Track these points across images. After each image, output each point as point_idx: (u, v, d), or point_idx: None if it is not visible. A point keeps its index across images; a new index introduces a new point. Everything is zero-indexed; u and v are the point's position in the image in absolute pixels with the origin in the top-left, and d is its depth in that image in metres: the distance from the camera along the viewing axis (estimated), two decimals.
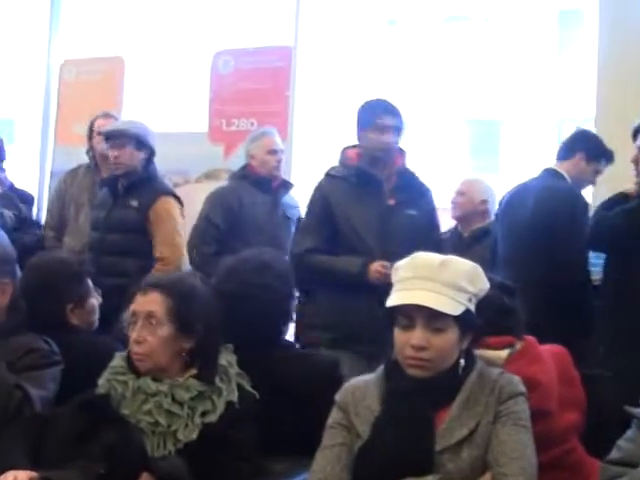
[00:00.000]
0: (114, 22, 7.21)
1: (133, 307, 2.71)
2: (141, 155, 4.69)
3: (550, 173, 4.50)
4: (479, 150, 21.24)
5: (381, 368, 2.48)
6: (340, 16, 19.53)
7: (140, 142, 4.68)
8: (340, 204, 4.05)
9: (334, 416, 2.45)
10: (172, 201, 4.70)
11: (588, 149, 4.47)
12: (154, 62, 7.09)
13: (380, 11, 22.35)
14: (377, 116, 4.09)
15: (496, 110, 19.67)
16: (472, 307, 2.34)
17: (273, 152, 5.02)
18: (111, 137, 4.80)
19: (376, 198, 4.05)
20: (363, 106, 4.22)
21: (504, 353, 2.61)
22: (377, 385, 2.42)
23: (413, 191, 4.16)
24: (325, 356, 3.07)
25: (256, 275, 2.93)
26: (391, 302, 2.35)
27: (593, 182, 4.59)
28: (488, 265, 3.57)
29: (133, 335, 2.67)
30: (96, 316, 3.42)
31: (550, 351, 2.80)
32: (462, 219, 5.19)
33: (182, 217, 4.76)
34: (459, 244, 4.86)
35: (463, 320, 2.31)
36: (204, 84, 6.30)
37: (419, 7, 22.25)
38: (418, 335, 2.29)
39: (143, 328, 2.66)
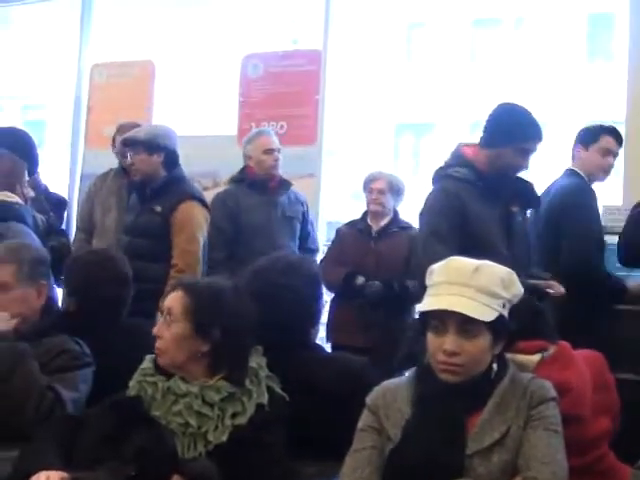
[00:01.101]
0: (144, 26, 7.23)
1: (162, 303, 2.79)
2: (155, 159, 4.68)
3: (566, 173, 4.51)
4: None
5: (412, 371, 2.49)
6: (369, 19, 19.54)
7: (151, 147, 4.67)
8: (473, 208, 3.74)
9: (365, 419, 2.46)
10: (196, 205, 4.70)
11: (581, 138, 4.50)
12: (184, 66, 7.12)
13: (408, 14, 22.35)
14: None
15: None
16: (505, 313, 2.34)
17: (269, 151, 5.00)
18: (125, 145, 4.83)
19: (500, 203, 3.83)
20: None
21: (536, 357, 2.61)
22: (408, 388, 2.42)
23: (527, 198, 4.00)
24: (355, 359, 3.07)
25: (282, 276, 2.93)
26: (424, 307, 2.35)
27: (605, 168, 4.54)
28: None
29: (154, 329, 2.72)
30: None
31: (584, 356, 2.79)
32: None
33: (206, 221, 4.76)
34: None
35: (496, 326, 2.31)
36: (233, 87, 6.32)
37: (447, 10, 22.18)
38: (450, 340, 2.29)
39: (162, 323, 2.70)
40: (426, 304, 2.35)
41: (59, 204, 5.38)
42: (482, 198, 3.75)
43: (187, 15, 7.23)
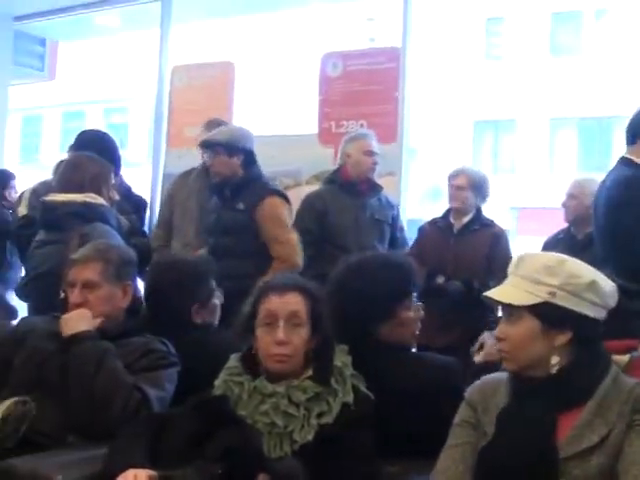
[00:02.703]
0: (224, 27, 7.30)
1: (269, 307, 2.69)
2: (234, 161, 4.69)
3: (621, 162, 4.28)
4: (589, 149, 20.87)
5: None
6: (447, 15, 19.44)
7: (230, 148, 4.68)
8: None
9: (462, 413, 2.46)
10: (278, 200, 4.70)
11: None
12: (263, 66, 7.17)
13: (487, 8, 22.19)
14: None
15: (608, 107, 19.27)
16: (559, 301, 2.30)
17: (369, 153, 5.04)
18: (204, 147, 4.86)
19: None
20: None
21: (625, 358, 2.54)
22: (507, 383, 2.41)
23: None
24: (442, 358, 3.04)
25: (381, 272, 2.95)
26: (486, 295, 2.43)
27: None
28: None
29: (278, 336, 2.62)
30: (217, 316, 3.49)
31: None
32: (575, 222, 5.10)
33: (290, 217, 4.78)
34: (573, 246, 4.74)
35: (543, 313, 2.30)
36: (313, 87, 6.33)
37: (526, 3, 21.95)
38: (499, 327, 2.38)
39: (287, 329, 2.64)
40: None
41: (140, 205, 5.44)
42: None
43: (266, 16, 7.28)
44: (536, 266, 2.35)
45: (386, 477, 2.68)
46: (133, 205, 5.19)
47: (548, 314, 2.30)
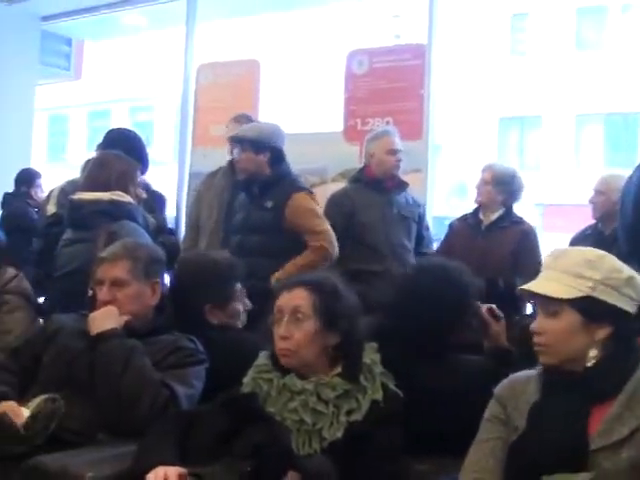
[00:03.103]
0: (248, 25, 7.31)
1: (278, 303, 2.73)
2: (261, 158, 4.68)
3: None
4: (616, 144, 20.73)
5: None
6: (471, 11, 19.36)
7: (258, 145, 4.68)
8: None
9: (491, 409, 2.45)
10: (306, 196, 4.69)
11: None
12: (289, 64, 7.17)
13: (512, 4, 22.08)
14: None
15: (634, 102, 19.11)
16: (600, 295, 2.30)
17: (392, 152, 5.03)
18: (233, 142, 4.86)
19: None
20: None
21: None
22: (537, 380, 2.41)
23: None
24: (477, 360, 3.04)
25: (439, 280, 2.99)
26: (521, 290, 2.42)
27: None
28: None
29: (279, 331, 2.69)
30: (238, 320, 3.47)
31: None
32: (603, 218, 5.08)
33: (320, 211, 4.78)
34: (601, 242, 4.71)
35: (584, 307, 2.29)
36: (339, 84, 6.33)
37: None
38: (536, 321, 2.36)
39: (289, 324, 2.68)
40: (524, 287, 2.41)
41: (160, 201, 5.44)
42: None
43: (291, 13, 7.29)
44: (577, 260, 2.34)
45: (416, 475, 2.68)
46: (154, 201, 5.19)
47: (589, 308, 2.30)
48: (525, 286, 2.38)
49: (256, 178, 4.69)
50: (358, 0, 7.08)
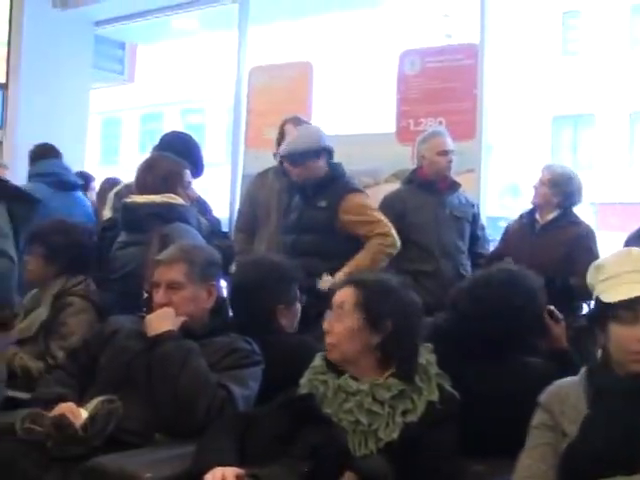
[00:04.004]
0: (301, 28, 7.32)
1: (333, 300, 2.79)
2: (320, 162, 4.68)
3: None
4: None
5: (584, 369, 2.44)
6: (523, 9, 19.19)
7: (315, 153, 4.67)
8: None
9: (538, 417, 2.43)
10: (361, 195, 4.69)
11: None
12: (341, 65, 7.16)
13: (563, 2, 21.86)
14: None
15: None
16: None
17: (443, 153, 5.03)
18: (288, 161, 4.84)
19: None
20: None
21: None
22: (582, 385, 2.38)
23: None
24: (538, 363, 3.02)
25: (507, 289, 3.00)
26: (616, 296, 2.28)
27: None
28: None
29: (324, 325, 2.75)
30: (297, 320, 3.49)
31: None
32: None
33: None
34: None
35: None
36: (391, 85, 6.31)
37: None
38: (632, 330, 2.24)
39: (333, 318, 2.73)
40: (616, 294, 2.28)
41: (203, 206, 5.44)
42: None
43: (342, 15, 7.28)
44: None
45: (472, 476, 2.67)
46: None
47: None
48: (619, 296, 2.26)
49: (312, 179, 4.70)
50: (409, 0, 7.06)
